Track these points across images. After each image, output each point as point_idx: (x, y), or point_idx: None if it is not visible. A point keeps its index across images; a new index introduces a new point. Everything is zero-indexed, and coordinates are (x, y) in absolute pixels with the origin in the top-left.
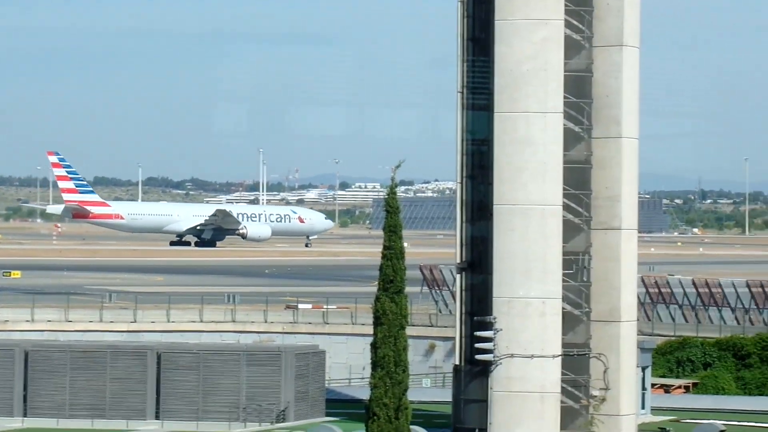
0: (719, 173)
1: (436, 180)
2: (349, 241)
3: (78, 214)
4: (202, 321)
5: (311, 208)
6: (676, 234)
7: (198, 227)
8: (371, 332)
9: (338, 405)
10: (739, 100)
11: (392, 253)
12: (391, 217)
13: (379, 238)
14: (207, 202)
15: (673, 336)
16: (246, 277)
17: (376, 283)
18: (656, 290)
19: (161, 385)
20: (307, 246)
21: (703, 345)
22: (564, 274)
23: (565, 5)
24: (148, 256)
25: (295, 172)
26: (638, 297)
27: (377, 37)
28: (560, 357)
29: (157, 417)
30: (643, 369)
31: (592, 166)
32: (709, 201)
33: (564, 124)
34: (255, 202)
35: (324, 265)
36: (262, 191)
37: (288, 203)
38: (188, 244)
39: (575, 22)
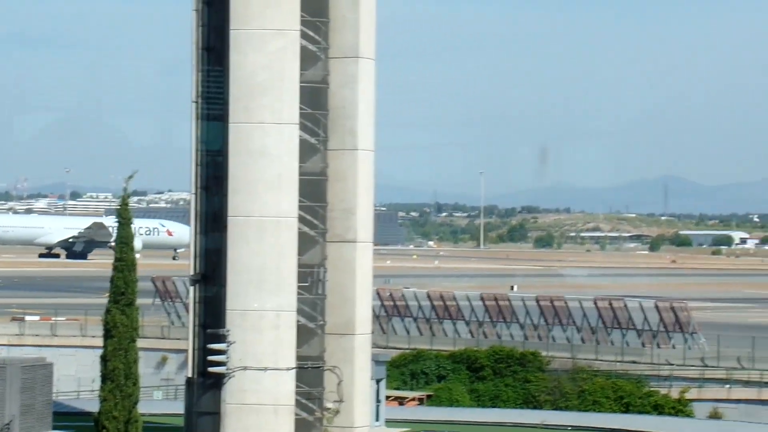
0: (454, 187)
1: (170, 190)
2: None
3: None
4: None
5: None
6: (411, 247)
7: (70, 239)
8: (101, 344)
9: (66, 418)
10: (474, 114)
11: (124, 264)
12: (123, 228)
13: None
14: None
15: (407, 348)
16: None
17: (107, 294)
18: (391, 303)
19: None
20: (174, 259)
21: (437, 357)
22: (299, 287)
23: (302, 16)
24: None
25: (23, 180)
26: (373, 310)
27: (109, 44)
28: (294, 370)
29: None
30: (378, 381)
31: (327, 178)
32: (444, 214)
33: (300, 136)
34: None
35: (53, 276)
36: None
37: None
38: (57, 256)
39: (311, 33)
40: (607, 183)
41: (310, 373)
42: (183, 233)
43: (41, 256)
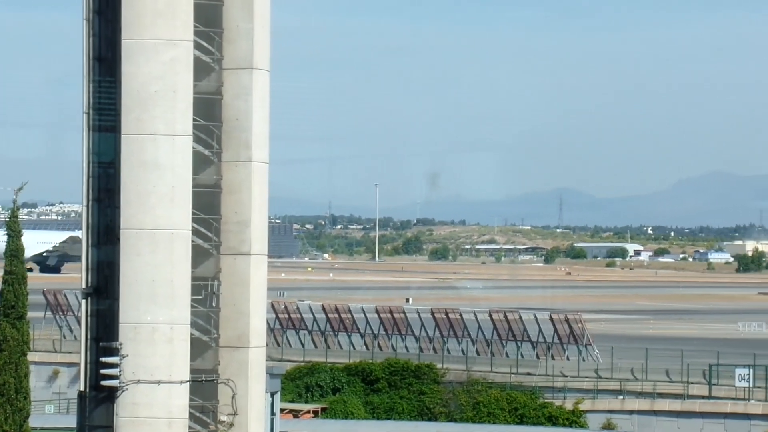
0: (349, 199)
1: (62, 202)
2: None
3: None
4: None
5: None
6: (306, 259)
7: (44, 254)
8: None
9: None
10: (369, 127)
11: (14, 278)
12: (13, 241)
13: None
14: None
15: (302, 361)
16: None
17: None
18: (286, 316)
19: None
20: None
21: (332, 370)
22: (193, 300)
23: (195, 26)
24: None
25: None
26: (268, 322)
27: None
28: (188, 383)
29: None
30: (272, 394)
31: (221, 190)
32: (339, 226)
33: (193, 148)
34: None
35: None
36: None
37: None
38: (30, 270)
39: (205, 44)
40: (502, 195)
41: (204, 387)
42: None
43: None
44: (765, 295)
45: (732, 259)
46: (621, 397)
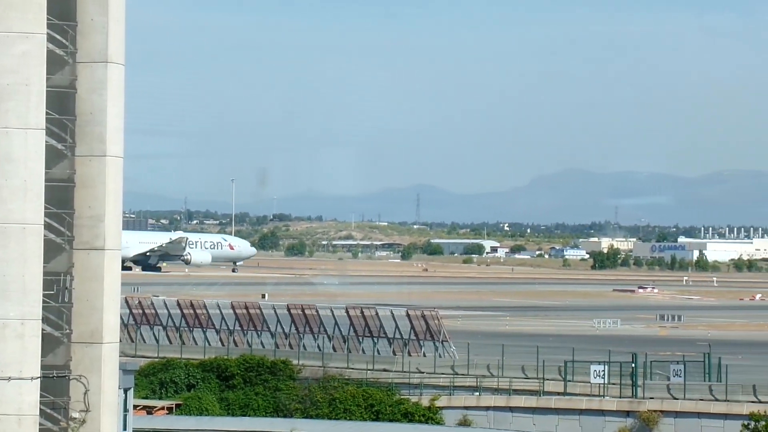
0: (205, 194)
1: None
2: None
3: None
4: None
5: None
6: None
7: (147, 253)
8: None
9: None
10: (225, 123)
11: None
12: None
13: None
14: None
15: (156, 357)
16: None
17: None
18: (140, 311)
19: None
20: (234, 271)
21: (187, 366)
22: (44, 295)
23: (48, 19)
24: None
25: None
26: (121, 318)
27: None
28: (39, 379)
29: None
30: (126, 390)
31: (75, 184)
32: (195, 221)
33: (46, 141)
34: None
35: None
36: None
37: None
38: (129, 269)
39: (59, 37)
40: (359, 191)
41: (56, 383)
42: (242, 247)
43: None
44: (620, 292)
45: (587, 256)
46: (477, 393)
